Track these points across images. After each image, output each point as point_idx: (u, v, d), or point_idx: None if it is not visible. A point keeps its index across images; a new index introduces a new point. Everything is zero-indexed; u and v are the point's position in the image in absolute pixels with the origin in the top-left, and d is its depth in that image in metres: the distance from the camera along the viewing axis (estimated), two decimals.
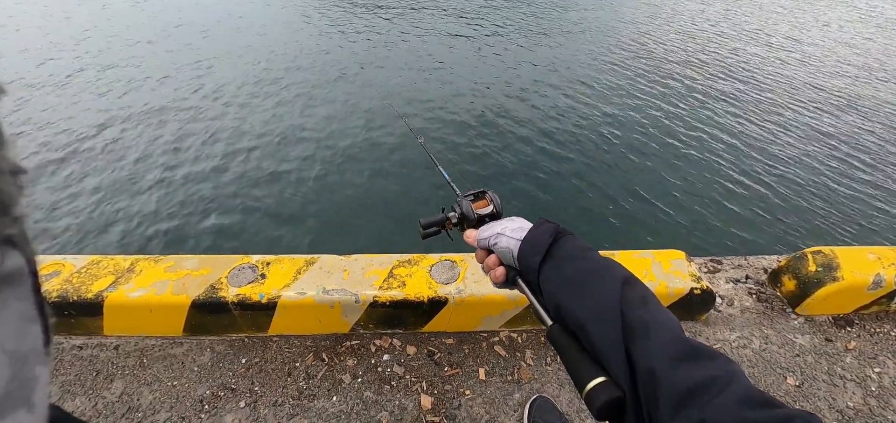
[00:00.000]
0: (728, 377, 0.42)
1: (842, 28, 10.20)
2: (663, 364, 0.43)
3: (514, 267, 0.63)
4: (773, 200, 3.86)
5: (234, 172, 3.94)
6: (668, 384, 0.42)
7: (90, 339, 1.46)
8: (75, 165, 3.98)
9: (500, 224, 0.67)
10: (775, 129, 5.12)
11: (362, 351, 1.48)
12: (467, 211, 0.72)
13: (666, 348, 0.45)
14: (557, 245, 0.58)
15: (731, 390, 0.41)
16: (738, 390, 0.41)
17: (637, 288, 0.52)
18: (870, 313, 1.74)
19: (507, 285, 0.65)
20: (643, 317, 0.48)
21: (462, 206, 0.73)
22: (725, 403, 0.40)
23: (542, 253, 0.57)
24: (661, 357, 0.44)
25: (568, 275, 0.55)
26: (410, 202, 3.62)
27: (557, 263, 0.57)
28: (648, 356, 0.45)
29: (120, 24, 7.98)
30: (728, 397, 0.40)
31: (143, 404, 1.31)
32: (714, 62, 7.28)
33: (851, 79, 6.88)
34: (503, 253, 0.64)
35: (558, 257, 0.57)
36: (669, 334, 0.46)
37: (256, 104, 5.16)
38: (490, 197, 0.74)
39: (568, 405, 1.37)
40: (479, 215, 0.72)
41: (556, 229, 0.60)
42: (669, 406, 0.41)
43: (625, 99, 5.69)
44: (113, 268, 1.45)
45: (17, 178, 0.29)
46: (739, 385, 0.41)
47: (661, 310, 0.50)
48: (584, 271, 0.54)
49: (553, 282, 0.56)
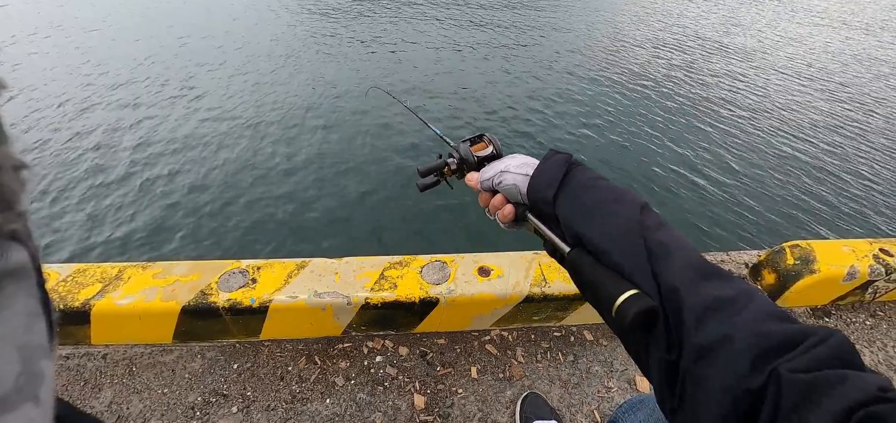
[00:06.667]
0: (749, 294, 0.43)
1: (817, 27, 10.53)
2: (685, 281, 0.45)
3: (523, 203, 0.61)
4: (754, 197, 3.97)
5: (224, 176, 3.90)
6: (691, 300, 0.43)
7: (77, 348, 1.44)
8: (57, 172, 3.90)
9: (502, 162, 0.65)
10: (755, 127, 5.26)
11: (355, 353, 1.49)
12: (466, 155, 0.69)
13: (686, 268, 0.46)
14: (571, 175, 0.58)
15: (752, 305, 0.42)
16: (760, 305, 0.42)
17: (653, 213, 0.53)
18: (846, 303, 1.81)
19: (515, 223, 0.64)
20: (662, 239, 0.49)
21: (460, 150, 0.70)
22: (748, 317, 0.41)
23: (556, 185, 0.57)
24: (682, 275, 0.45)
25: (586, 203, 0.54)
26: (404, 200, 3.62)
27: (574, 192, 0.56)
28: (671, 275, 0.46)
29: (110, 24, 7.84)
30: (750, 311, 0.41)
31: (133, 412, 1.30)
32: (692, 61, 7.45)
33: (828, 78, 7.11)
34: (509, 191, 0.62)
35: (573, 186, 0.57)
36: (688, 255, 0.48)
37: (239, 108, 5.12)
38: (488, 138, 0.71)
39: (559, 401, 1.40)
40: (479, 157, 0.69)
41: (568, 159, 0.59)
42: (693, 320, 0.42)
43: (601, 97, 5.79)
44: (100, 276, 1.43)
45: (19, 173, 0.29)
46: (761, 300, 0.43)
47: (677, 234, 0.51)
48: (602, 199, 0.54)
49: (571, 212, 0.55)
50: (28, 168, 0.30)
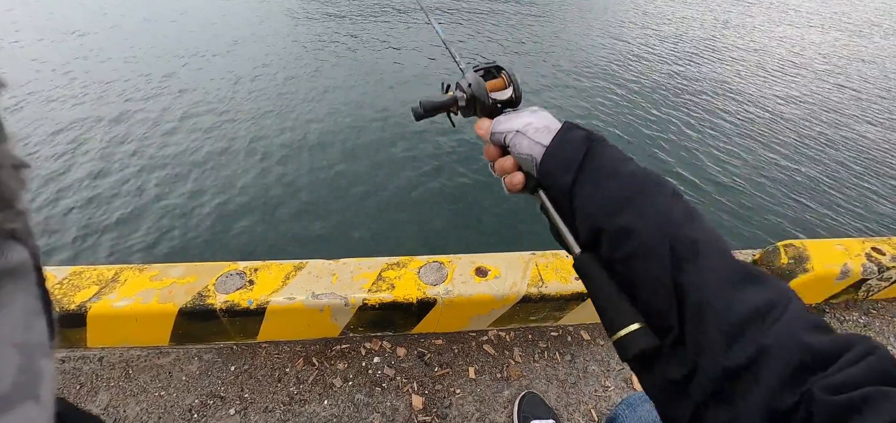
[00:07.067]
0: (787, 298, 0.38)
1: (816, 26, 10.63)
2: (715, 295, 0.38)
3: (536, 176, 0.53)
4: (748, 197, 4.00)
5: (221, 178, 3.89)
6: (722, 312, 0.37)
7: (73, 351, 1.43)
8: (51, 173, 3.88)
9: (520, 118, 0.54)
10: (748, 127, 5.30)
11: (352, 354, 1.49)
12: (479, 92, 0.56)
13: (719, 275, 0.39)
14: (591, 157, 0.48)
15: (790, 311, 0.37)
16: (798, 311, 0.37)
17: (683, 201, 0.45)
18: (839, 302, 1.83)
19: (525, 192, 0.55)
20: (692, 238, 0.41)
21: (473, 84, 0.57)
22: (786, 328, 0.36)
23: (574, 170, 0.48)
24: (712, 284, 0.39)
25: (611, 193, 0.46)
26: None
27: (595, 178, 0.47)
28: (698, 285, 0.39)
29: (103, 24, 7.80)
30: (788, 320, 0.36)
31: (130, 416, 1.30)
32: (689, 61, 7.50)
33: (821, 79, 7.18)
34: (523, 158, 0.53)
35: (595, 171, 0.47)
36: (722, 256, 0.41)
37: (236, 105, 5.12)
38: (507, 76, 0.58)
39: (556, 400, 1.40)
40: (495, 99, 0.57)
41: (588, 137, 0.50)
42: (722, 340, 0.36)
43: (599, 96, 5.82)
44: (96, 278, 1.42)
45: (19, 172, 0.29)
46: (798, 306, 0.38)
47: (711, 230, 0.43)
48: (630, 187, 0.45)
49: (591, 202, 0.47)
50: (28, 167, 0.30)
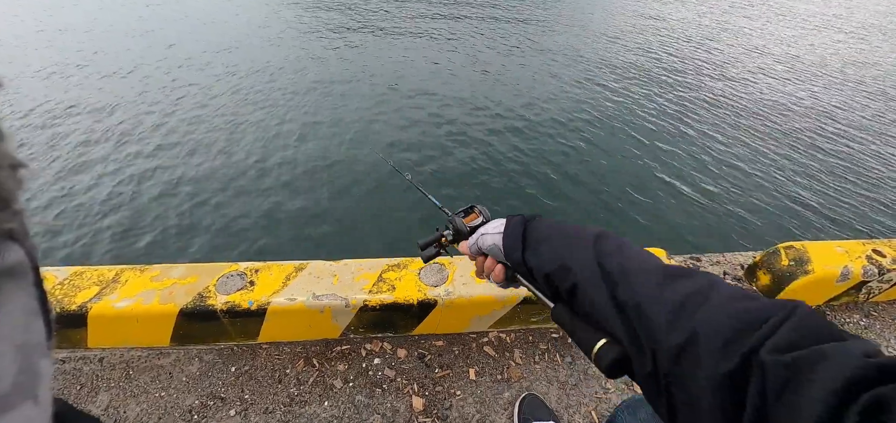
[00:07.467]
0: (709, 284, 0.44)
1: (811, 29, 10.64)
2: (646, 295, 0.46)
3: (506, 263, 0.66)
4: (749, 199, 4.00)
5: (220, 180, 3.89)
6: (655, 310, 0.44)
7: (73, 352, 1.43)
8: (51, 174, 3.88)
9: (483, 228, 0.71)
10: (749, 130, 5.30)
11: (353, 356, 1.48)
12: (460, 226, 0.78)
13: (646, 281, 0.47)
14: (528, 232, 0.62)
15: (714, 293, 0.43)
16: (722, 291, 0.43)
17: (610, 240, 0.55)
18: (840, 304, 1.82)
19: (507, 282, 0.68)
20: (619, 263, 0.50)
21: (454, 222, 0.79)
22: (713, 306, 0.42)
23: (520, 247, 0.61)
24: (642, 290, 0.46)
25: (545, 255, 0.58)
26: (400, 214, 3.63)
27: (534, 247, 0.60)
28: (632, 294, 0.47)
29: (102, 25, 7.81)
30: (714, 300, 0.42)
31: (130, 416, 1.29)
32: (692, 64, 7.51)
33: (821, 80, 7.18)
34: (492, 251, 0.67)
35: (534, 241, 0.61)
36: (646, 268, 0.49)
37: (242, 113, 5.12)
38: (479, 209, 0.80)
39: (556, 402, 1.40)
40: (470, 227, 0.77)
41: (523, 219, 0.64)
42: (664, 325, 0.43)
43: (601, 100, 5.82)
44: (97, 279, 1.42)
45: (16, 172, 0.29)
46: (722, 287, 0.44)
47: (637, 252, 0.52)
48: (558, 245, 0.57)
49: (537, 265, 0.59)
50: (25, 166, 0.29)
